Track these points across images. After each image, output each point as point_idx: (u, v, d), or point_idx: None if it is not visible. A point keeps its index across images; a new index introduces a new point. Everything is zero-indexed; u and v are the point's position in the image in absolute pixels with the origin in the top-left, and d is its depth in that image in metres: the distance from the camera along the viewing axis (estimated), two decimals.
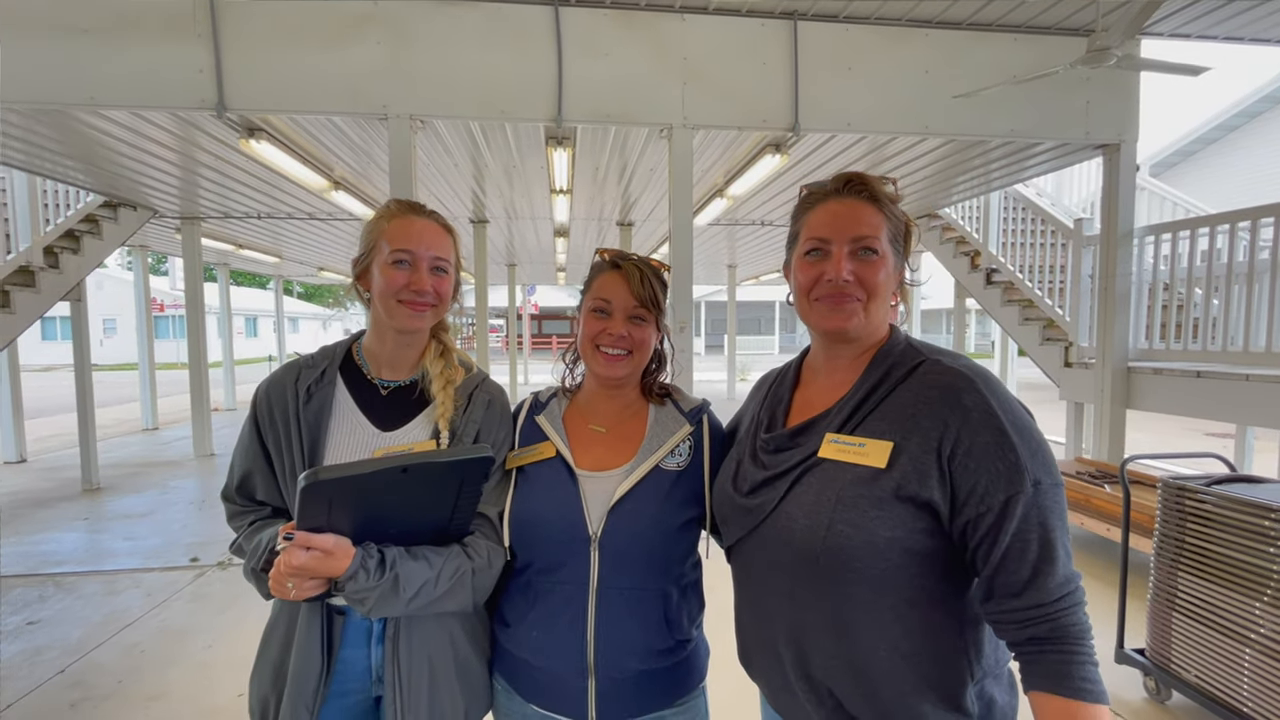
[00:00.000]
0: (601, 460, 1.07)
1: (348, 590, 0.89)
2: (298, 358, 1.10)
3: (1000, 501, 0.76)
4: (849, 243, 0.88)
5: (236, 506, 1.09)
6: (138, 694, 2.55)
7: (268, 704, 1.03)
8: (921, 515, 0.80)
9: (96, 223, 5.94)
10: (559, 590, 1.01)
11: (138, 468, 6.76)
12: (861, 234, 0.88)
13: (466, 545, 1.02)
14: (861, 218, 0.88)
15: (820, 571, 0.82)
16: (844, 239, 0.88)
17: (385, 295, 1.04)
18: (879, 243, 0.88)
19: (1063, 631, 0.74)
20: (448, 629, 1.04)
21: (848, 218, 0.88)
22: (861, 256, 0.88)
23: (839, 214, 0.89)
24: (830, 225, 0.89)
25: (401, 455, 0.91)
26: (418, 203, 1.10)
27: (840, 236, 0.88)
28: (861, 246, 0.88)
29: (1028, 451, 0.77)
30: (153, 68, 3.50)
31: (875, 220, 0.88)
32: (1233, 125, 11.22)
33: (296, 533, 0.86)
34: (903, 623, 0.81)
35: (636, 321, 1.07)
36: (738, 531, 0.95)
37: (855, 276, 0.88)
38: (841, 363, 0.94)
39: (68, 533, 4.62)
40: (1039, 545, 0.75)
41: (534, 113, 3.81)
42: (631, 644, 1.01)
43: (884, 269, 0.88)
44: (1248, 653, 2.03)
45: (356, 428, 1.06)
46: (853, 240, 0.88)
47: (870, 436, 0.83)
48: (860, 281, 0.88)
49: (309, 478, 0.81)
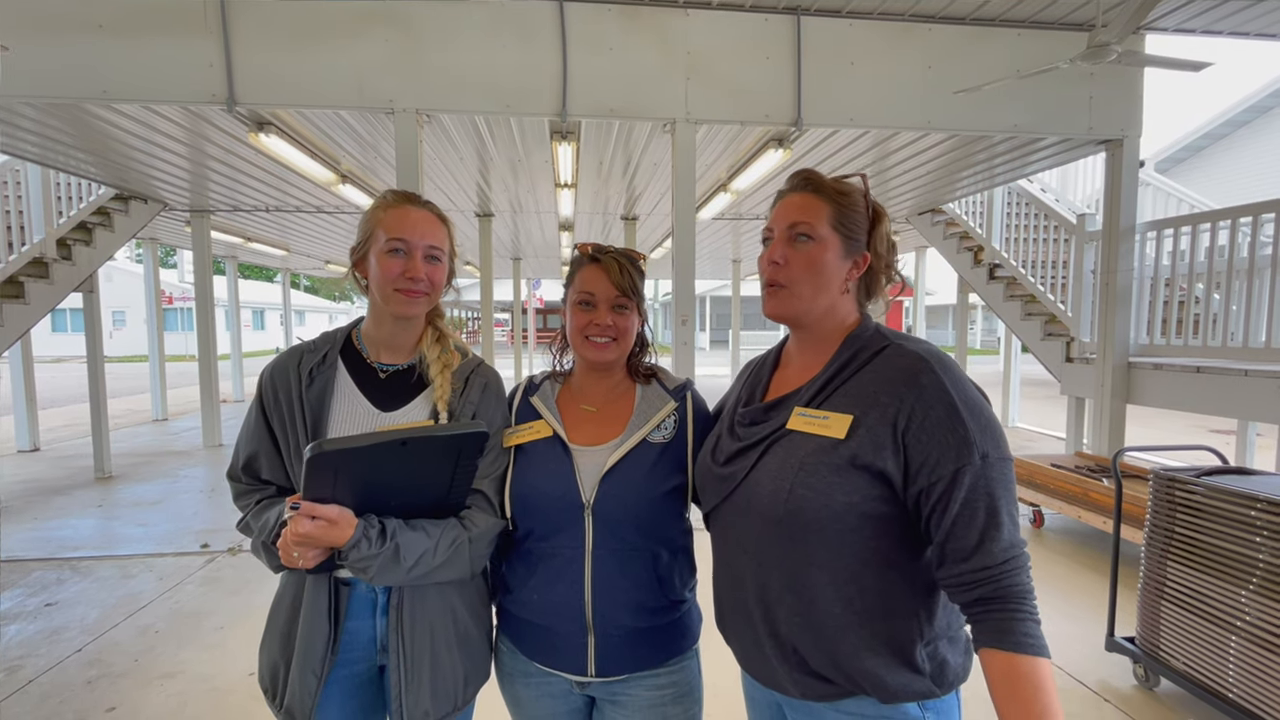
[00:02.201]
0: (593, 436, 1.14)
1: (350, 559, 0.94)
2: (300, 343, 1.16)
3: (950, 472, 0.81)
4: (786, 229, 0.95)
5: (243, 485, 1.13)
6: (152, 672, 2.63)
7: (277, 671, 1.08)
8: (876, 483, 0.85)
9: (108, 215, 6.03)
10: (558, 555, 1.08)
11: (148, 457, 6.87)
12: (794, 220, 0.95)
13: (463, 518, 1.08)
14: (801, 205, 0.95)
15: (782, 533, 0.89)
16: (782, 225, 0.96)
17: (381, 283, 1.08)
18: (814, 228, 0.94)
19: (1005, 592, 0.80)
20: (449, 601, 1.10)
21: (789, 207, 0.96)
22: (798, 242, 0.94)
23: (784, 204, 0.98)
24: (775, 216, 0.98)
25: (402, 430, 0.95)
26: (413, 193, 1.15)
27: (779, 223, 0.97)
28: (797, 233, 0.94)
29: (977, 427, 0.82)
30: (164, 62, 3.56)
31: (814, 207, 0.95)
32: (1242, 121, 11.14)
33: (303, 502, 0.90)
34: (857, 582, 0.87)
35: (619, 310, 1.14)
36: (714, 499, 1.02)
37: (785, 259, 0.94)
38: (811, 346, 1.00)
39: (82, 519, 4.72)
40: (986, 513, 0.81)
41: (539, 107, 3.86)
42: (625, 600, 1.08)
43: (822, 255, 0.94)
44: (1234, 640, 2.07)
45: (357, 408, 1.11)
46: (788, 226, 0.95)
47: (834, 411, 0.89)
48: (789, 263, 0.94)
49: (315, 449, 0.85)
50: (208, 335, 7.23)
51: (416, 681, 1.06)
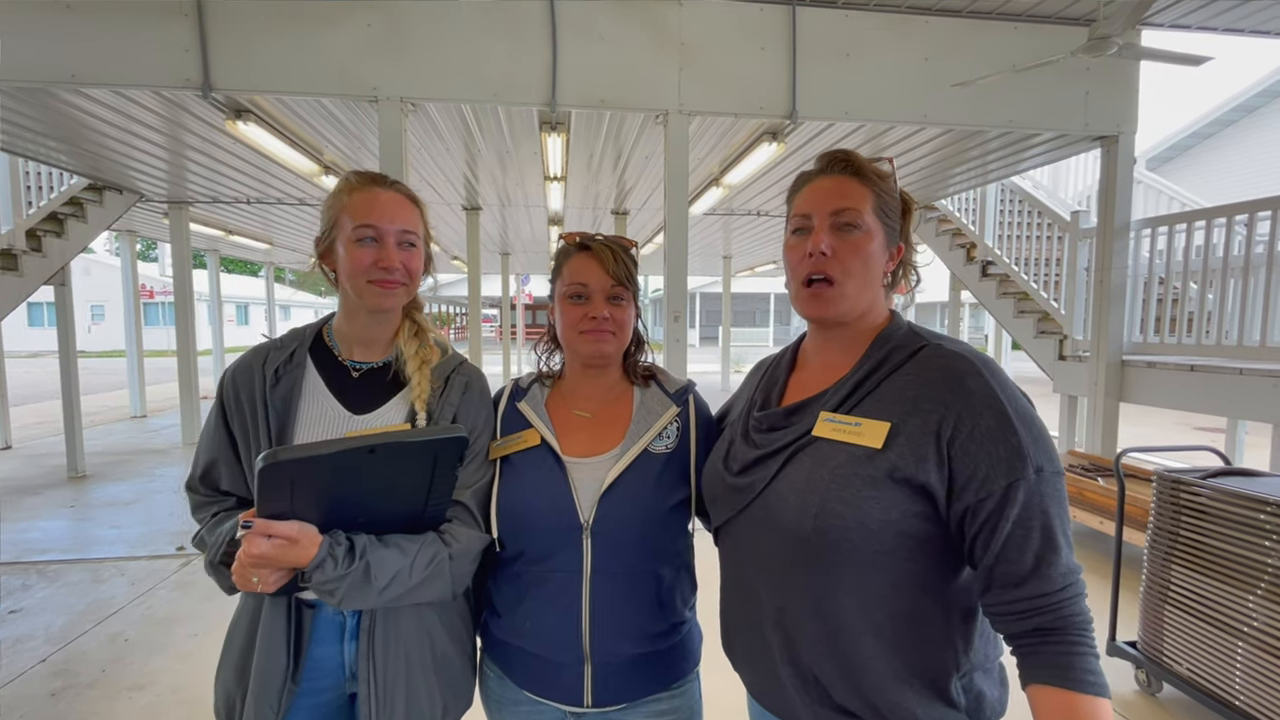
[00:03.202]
0: (588, 446, 1.04)
1: (314, 580, 0.84)
2: (266, 340, 1.05)
3: (1001, 487, 0.73)
4: (829, 215, 0.86)
5: (200, 497, 1.03)
6: (120, 683, 2.51)
7: (233, 704, 0.98)
8: (916, 499, 0.77)
9: (81, 206, 5.83)
10: (551, 579, 0.99)
11: (125, 455, 6.68)
12: (839, 206, 0.86)
13: (443, 532, 0.98)
14: (843, 190, 0.86)
15: (809, 552, 0.80)
16: (825, 212, 0.86)
17: (352, 275, 0.98)
18: (861, 215, 0.85)
19: (1065, 622, 0.72)
20: (425, 622, 1.00)
21: (829, 191, 0.87)
22: (843, 231, 0.86)
23: (821, 189, 0.88)
24: (812, 201, 0.88)
25: (369, 435, 0.86)
26: (380, 174, 1.04)
27: (820, 210, 0.87)
28: (842, 221, 0.86)
29: (1030, 437, 0.74)
30: (136, 45, 3.41)
31: (857, 192, 0.86)
32: (1229, 120, 11.22)
33: (256, 520, 0.81)
34: (889, 607, 0.79)
35: (616, 302, 1.04)
36: (726, 511, 0.92)
37: (833, 251, 0.85)
38: (838, 345, 0.91)
39: (53, 520, 4.56)
40: (1041, 533, 0.73)
41: (528, 96, 3.75)
42: (626, 628, 0.98)
43: (868, 245, 0.86)
44: (1240, 646, 2.03)
45: (327, 411, 1.01)
46: (832, 213, 0.86)
47: (867, 417, 0.81)
48: (838, 258, 0.85)
49: (267, 458, 0.76)
50: (187, 330, 7.04)
51: (389, 712, 0.96)
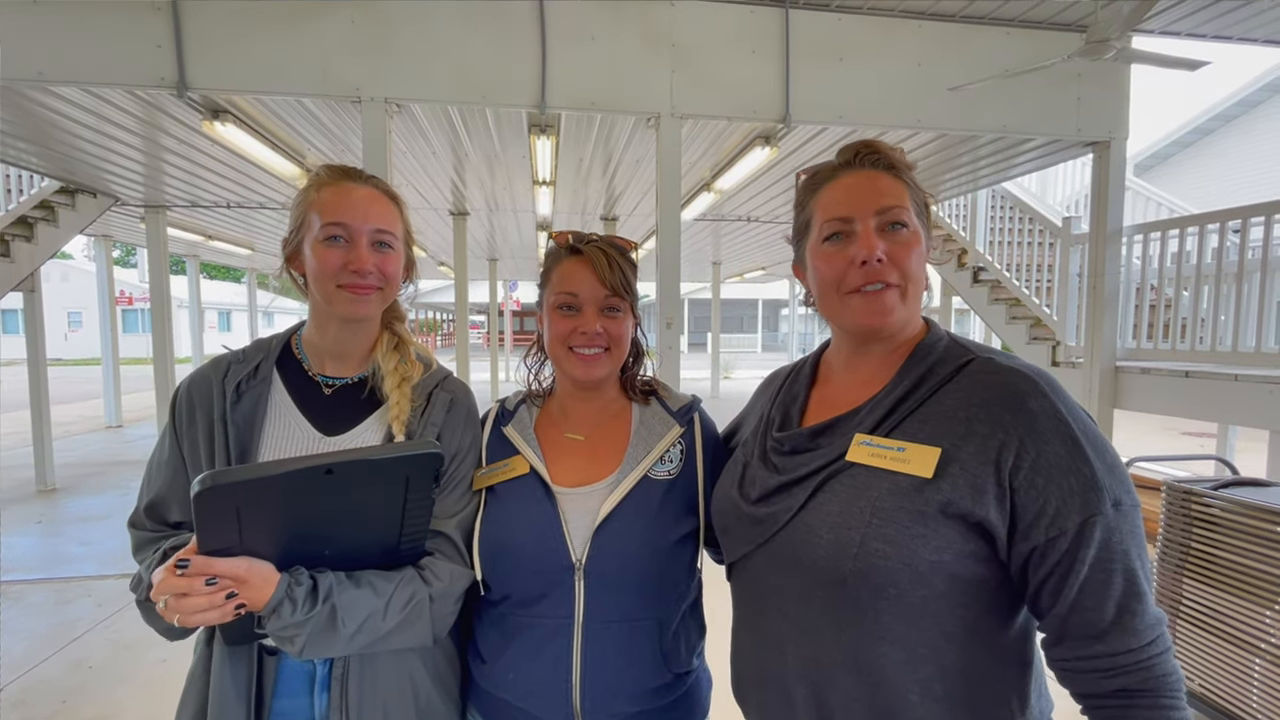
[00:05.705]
0: (582, 473, 0.93)
1: (270, 626, 0.73)
2: (227, 352, 0.93)
3: (1075, 525, 0.63)
4: (874, 216, 0.75)
5: (145, 534, 0.90)
6: (82, 714, 2.36)
7: None
8: (972, 537, 0.67)
9: (52, 209, 5.64)
10: (539, 625, 0.87)
11: (98, 467, 6.46)
12: (887, 204, 0.75)
13: (422, 568, 0.87)
14: (883, 187, 0.76)
15: (846, 596, 0.70)
16: (868, 213, 0.75)
17: (320, 278, 0.88)
18: (908, 214, 0.76)
19: (1157, 684, 0.63)
20: (406, 668, 0.89)
21: (868, 189, 0.76)
22: (891, 232, 0.75)
23: (856, 187, 0.77)
24: (849, 201, 0.76)
25: (327, 453, 0.74)
26: (353, 168, 0.94)
27: (864, 211, 0.75)
28: (890, 220, 0.75)
29: (1104, 466, 0.65)
30: (107, 42, 3.27)
31: (898, 190, 0.76)
32: (1208, 129, 11.38)
33: (194, 558, 0.67)
34: (939, 660, 0.69)
35: (610, 313, 0.93)
36: (743, 546, 0.81)
37: (888, 256, 0.74)
38: (869, 359, 0.81)
39: (18, 537, 4.36)
40: (1124, 578, 0.63)
41: (516, 98, 3.65)
42: (623, 685, 0.87)
43: (918, 245, 0.76)
44: (1257, 663, 1.96)
45: (295, 432, 0.90)
46: (878, 213, 0.75)
47: (911, 441, 0.71)
48: (894, 262, 0.74)
49: (204, 481, 0.63)
50: (164, 337, 6.83)
51: None
